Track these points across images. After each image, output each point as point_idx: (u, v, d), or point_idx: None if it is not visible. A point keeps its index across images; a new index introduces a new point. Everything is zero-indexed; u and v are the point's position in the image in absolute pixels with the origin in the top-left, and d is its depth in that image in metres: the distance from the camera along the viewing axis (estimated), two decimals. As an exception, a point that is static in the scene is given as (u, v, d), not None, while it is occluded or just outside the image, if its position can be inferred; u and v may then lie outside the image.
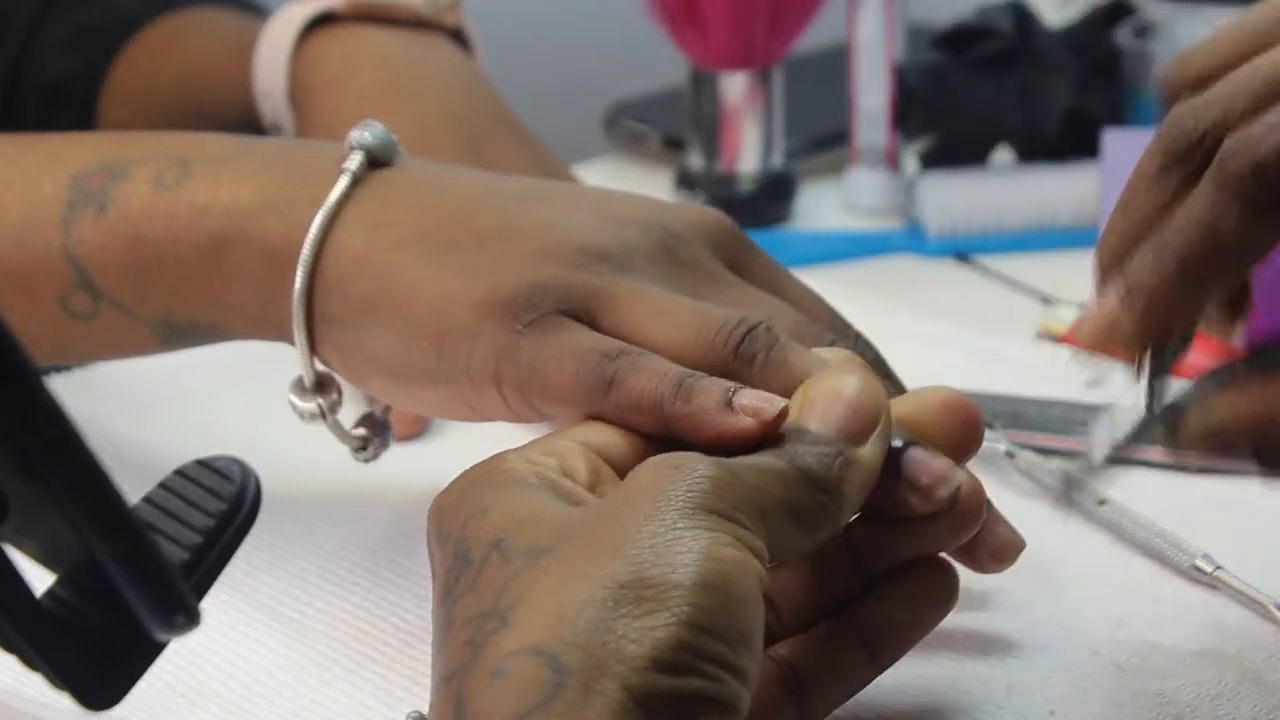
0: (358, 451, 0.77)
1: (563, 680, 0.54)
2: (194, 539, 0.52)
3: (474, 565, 0.59)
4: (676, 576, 0.56)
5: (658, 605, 0.55)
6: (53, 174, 0.76)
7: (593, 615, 0.55)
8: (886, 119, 1.16)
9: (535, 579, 0.57)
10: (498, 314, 0.69)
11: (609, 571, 0.56)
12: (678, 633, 0.55)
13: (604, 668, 0.54)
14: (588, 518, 0.59)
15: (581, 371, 0.66)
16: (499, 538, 0.59)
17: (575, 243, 0.70)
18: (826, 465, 0.61)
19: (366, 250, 0.71)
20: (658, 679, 0.54)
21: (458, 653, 0.56)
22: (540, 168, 0.92)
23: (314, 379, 0.74)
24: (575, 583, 0.56)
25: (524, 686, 0.54)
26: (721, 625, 0.56)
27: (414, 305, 0.70)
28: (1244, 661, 0.71)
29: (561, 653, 0.54)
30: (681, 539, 0.57)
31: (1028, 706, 0.69)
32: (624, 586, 0.56)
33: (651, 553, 0.56)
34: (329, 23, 0.97)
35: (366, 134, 0.73)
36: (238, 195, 0.73)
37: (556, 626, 0.55)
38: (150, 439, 0.89)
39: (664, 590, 0.55)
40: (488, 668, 0.55)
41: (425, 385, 0.70)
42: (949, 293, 1.07)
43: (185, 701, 0.71)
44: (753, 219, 1.16)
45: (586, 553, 0.57)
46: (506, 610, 0.56)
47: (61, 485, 0.47)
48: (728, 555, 0.57)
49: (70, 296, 0.75)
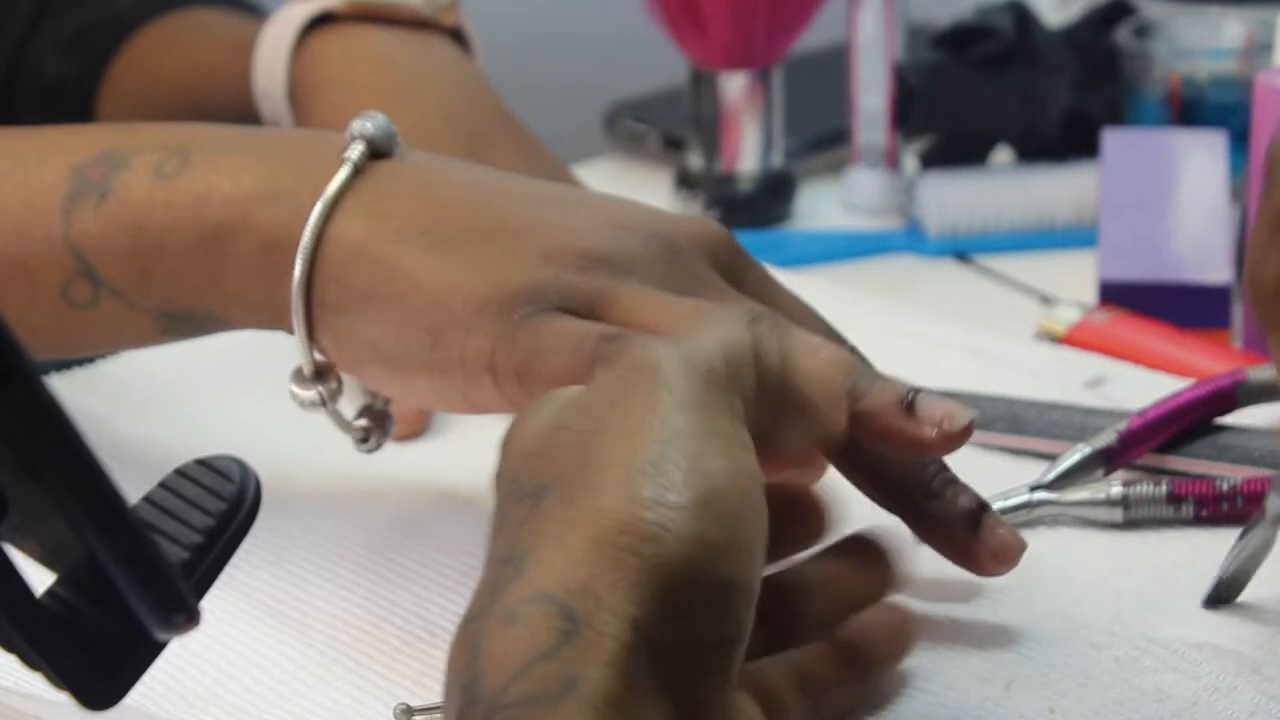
0: (359, 443, 0.77)
1: (573, 628, 0.55)
2: (194, 538, 0.52)
3: (504, 499, 0.60)
4: (673, 497, 0.56)
5: (658, 541, 0.56)
6: (53, 164, 0.76)
7: (597, 559, 0.56)
8: (886, 119, 1.16)
9: (541, 526, 0.57)
10: (495, 308, 0.69)
11: (605, 509, 0.57)
12: (687, 562, 0.56)
13: (613, 609, 0.55)
14: (578, 444, 0.59)
15: (579, 352, 0.67)
16: (517, 473, 0.60)
17: (577, 246, 0.71)
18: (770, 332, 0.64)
19: (366, 240, 0.72)
20: (672, 618, 0.56)
21: (480, 596, 0.57)
22: (540, 168, 0.92)
23: (313, 367, 0.74)
24: (577, 528, 0.57)
25: (535, 633, 0.55)
26: (723, 545, 0.57)
27: (411, 297, 0.71)
28: (1242, 655, 0.71)
29: (569, 599, 0.55)
30: (668, 455, 0.57)
31: (1027, 704, 0.69)
32: (623, 527, 0.56)
33: (641, 480, 0.57)
34: (328, 23, 0.97)
35: (368, 124, 0.74)
36: (238, 184, 0.74)
37: (563, 572, 0.56)
38: (150, 439, 0.89)
39: (666, 519, 0.56)
40: (502, 614, 0.56)
41: (420, 375, 0.71)
42: (948, 293, 1.07)
43: (185, 701, 0.71)
44: (752, 219, 1.16)
45: (582, 490, 0.57)
46: (520, 558, 0.57)
47: (61, 485, 0.47)
48: (717, 466, 0.58)
49: (71, 286, 0.76)
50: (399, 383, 0.72)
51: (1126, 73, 1.15)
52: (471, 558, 0.78)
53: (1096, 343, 0.96)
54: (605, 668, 0.54)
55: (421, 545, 0.79)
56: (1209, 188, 1.04)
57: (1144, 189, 1.05)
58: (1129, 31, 1.16)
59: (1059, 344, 0.97)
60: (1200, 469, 0.82)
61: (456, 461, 0.85)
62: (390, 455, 0.83)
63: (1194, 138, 1.08)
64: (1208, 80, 1.13)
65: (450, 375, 0.70)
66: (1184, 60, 1.13)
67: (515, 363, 0.69)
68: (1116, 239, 1.02)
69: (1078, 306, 0.99)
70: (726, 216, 1.15)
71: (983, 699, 0.69)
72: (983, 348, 0.95)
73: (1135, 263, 1.01)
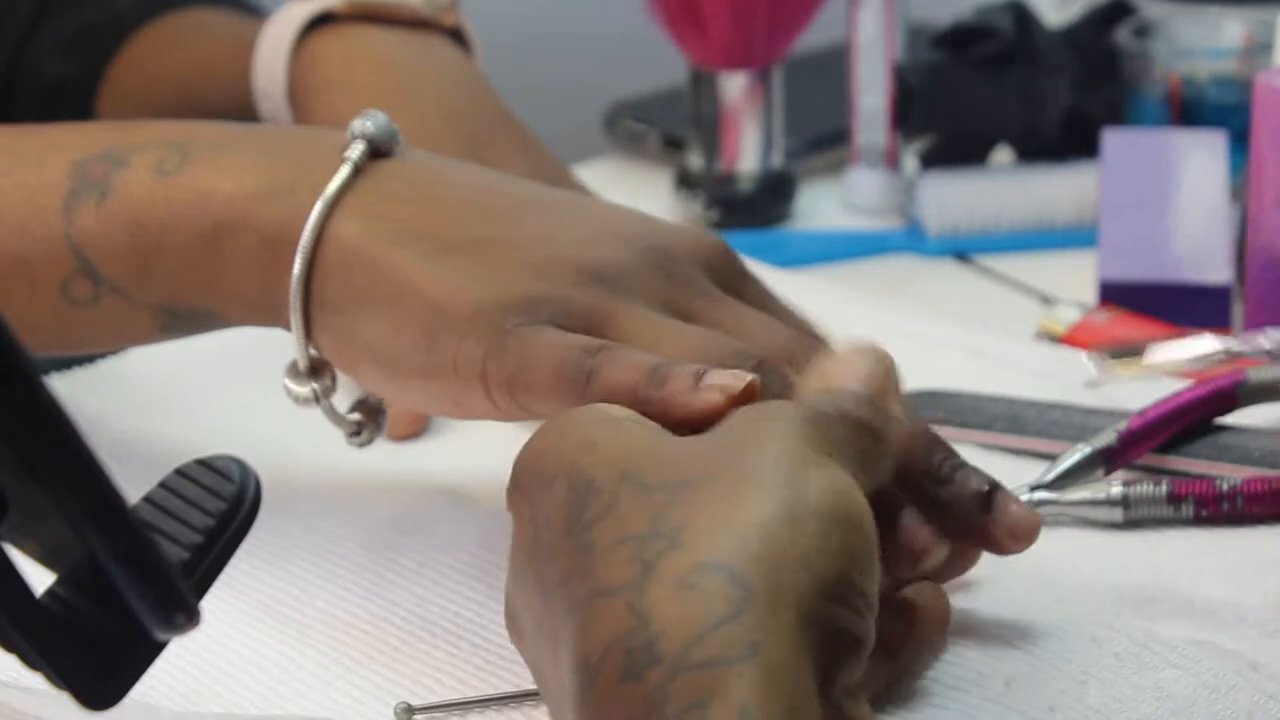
0: (351, 437, 0.77)
1: (749, 596, 0.57)
2: (194, 538, 0.52)
3: (603, 495, 0.61)
4: (831, 511, 0.59)
5: (819, 537, 0.58)
6: (54, 162, 0.76)
7: (766, 540, 0.58)
8: (886, 119, 1.16)
9: (696, 504, 0.59)
10: (490, 316, 0.70)
11: (769, 500, 0.59)
12: (840, 564, 0.58)
13: (782, 590, 0.57)
14: (712, 456, 0.62)
15: (563, 364, 0.68)
16: (626, 471, 0.61)
17: (573, 259, 0.71)
18: (874, 416, 0.64)
19: (365, 241, 0.72)
20: (827, 606, 0.58)
21: (619, 569, 0.59)
22: (540, 168, 0.92)
23: (308, 363, 0.74)
24: (740, 510, 0.59)
25: (713, 599, 0.57)
26: (865, 560, 0.59)
27: (409, 300, 0.71)
28: (1241, 654, 0.71)
29: (744, 571, 0.57)
30: (820, 476, 0.60)
31: (1026, 701, 0.69)
32: (787, 518, 0.58)
33: (801, 486, 0.60)
34: (328, 23, 0.97)
35: (369, 123, 0.74)
36: (238, 181, 0.74)
37: (734, 546, 0.58)
38: (150, 439, 0.89)
39: (822, 523, 0.59)
40: (671, 580, 0.57)
41: (415, 378, 0.71)
42: (948, 293, 1.07)
43: (185, 701, 0.71)
44: (752, 219, 1.16)
45: (737, 485, 0.60)
46: (674, 533, 0.59)
47: (61, 484, 0.47)
48: (857, 494, 0.61)
49: (71, 283, 0.76)
50: (394, 385, 0.72)
51: (1126, 73, 1.15)
52: (471, 557, 0.78)
53: (1097, 342, 0.96)
54: (783, 638, 0.56)
55: (421, 545, 0.79)
56: (1209, 188, 1.04)
57: (1144, 189, 1.05)
58: (1129, 31, 1.16)
59: (1059, 344, 0.97)
60: (1200, 469, 0.83)
61: (456, 461, 0.85)
62: (390, 455, 0.83)
63: (1194, 138, 1.08)
64: (1208, 80, 1.13)
65: (443, 381, 0.70)
66: (1184, 60, 1.13)
67: (505, 373, 0.69)
68: (1116, 239, 1.02)
69: (1078, 306, 0.99)
70: (726, 216, 1.15)
71: (983, 698, 0.69)
72: (983, 348, 0.95)
73: (1135, 263, 1.01)
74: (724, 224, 1.15)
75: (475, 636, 0.73)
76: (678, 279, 0.72)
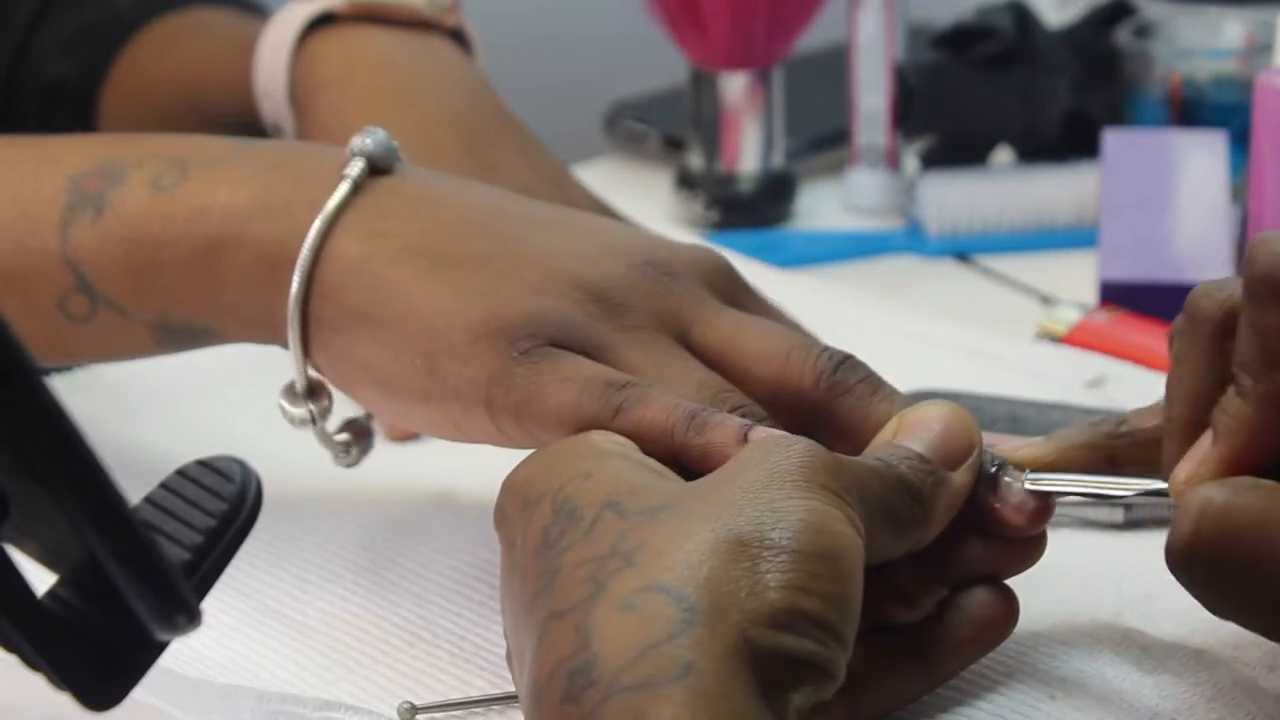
0: (339, 457, 0.77)
1: (690, 618, 0.57)
2: (195, 539, 0.52)
3: (584, 521, 0.61)
4: (794, 542, 0.59)
5: (775, 565, 0.58)
6: (50, 177, 0.76)
7: (717, 564, 0.58)
8: (886, 119, 1.16)
9: (656, 529, 0.60)
10: (493, 338, 0.69)
11: (730, 528, 0.59)
12: (793, 595, 0.58)
13: (725, 613, 0.57)
14: (701, 484, 0.62)
15: (585, 397, 0.67)
16: (612, 500, 0.61)
17: (575, 276, 0.71)
18: (921, 477, 0.65)
19: (364, 259, 0.71)
20: (772, 634, 0.57)
21: (574, 589, 0.59)
22: (540, 169, 0.92)
23: (305, 384, 0.74)
24: (698, 533, 0.59)
25: (653, 620, 0.57)
26: (831, 594, 0.59)
27: (408, 321, 0.70)
28: (1240, 658, 0.71)
29: (688, 593, 0.57)
30: (798, 507, 0.60)
31: (1025, 698, 0.69)
32: (744, 543, 0.59)
33: (771, 515, 0.60)
34: (329, 23, 0.97)
35: (368, 140, 0.73)
36: (235, 198, 0.73)
37: (682, 568, 0.58)
38: (151, 439, 0.89)
39: (782, 552, 0.59)
40: (615, 602, 0.58)
41: (414, 401, 0.71)
42: (948, 293, 1.07)
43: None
44: (753, 219, 1.16)
45: (705, 510, 0.60)
46: (630, 553, 0.59)
47: (63, 485, 0.47)
48: (841, 530, 0.60)
49: (67, 299, 0.75)
50: (393, 406, 0.72)
51: (1127, 73, 1.15)
52: (472, 558, 0.78)
53: (1097, 343, 0.96)
54: (718, 660, 0.56)
55: (422, 546, 0.79)
56: (1209, 188, 1.04)
57: (1144, 189, 1.05)
58: (1129, 32, 1.16)
59: (1059, 344, 0.97)
60: (1200, 469, 0.82)
61: (457, 462, 0.85)
62: (391, 457, 0.83)
63: (1194, 138, 1.08)
64: (1208, 80, 1.13)
65: (445, 405, 0.70)
66: (1184, 60, 1.14)
67: (513, 400, 0.68)
68: (1116, 239, 1.02)
69: (1078, 307, 0.99)
70: (726, 217, 1.15)
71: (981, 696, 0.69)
72: (983, 348, 0.95)
73: (1135, 263, 1.01)
74: (724, 224, 1.15)
75: (478, 636, 0.74)
76: (676, 292, 0.72)
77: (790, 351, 0.70)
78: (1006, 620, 0.68)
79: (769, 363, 0.70)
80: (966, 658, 0.68)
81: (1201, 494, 0.62)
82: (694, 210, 1.16)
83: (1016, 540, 0.68)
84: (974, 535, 0.68)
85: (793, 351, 0.70)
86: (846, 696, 0.64)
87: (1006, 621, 0.68)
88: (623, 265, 0.72)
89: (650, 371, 0.69)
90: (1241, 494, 0.62)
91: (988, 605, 0.68)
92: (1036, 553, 0.69)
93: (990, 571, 0.68)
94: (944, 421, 0.67)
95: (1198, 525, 0.62)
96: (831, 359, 0.70)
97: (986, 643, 0.68)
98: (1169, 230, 1.02)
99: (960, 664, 0.68)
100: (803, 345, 0.71)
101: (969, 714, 0.68)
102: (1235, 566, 0.62)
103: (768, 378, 0.70)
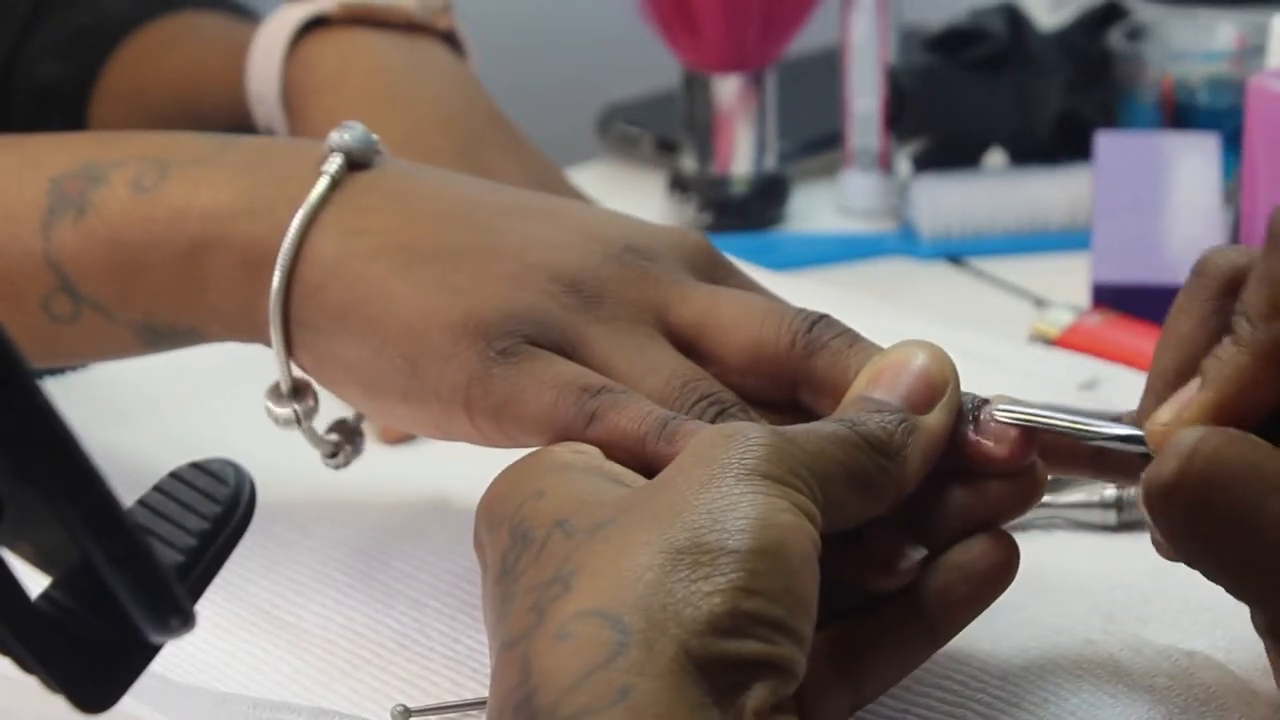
0: (329, 458, 0.77)
1: (626, 640, 0.56)
2: (189, 541, 0.52)
3: (535, 543, 0.60)
4: (732, 542, 0.58)
5: (714, 570, 0.57)
6: (32, 178, 0.76)
7: (652, 579, 0.57)
8: (879, 121, 1.16)
9: (595, 548, 0.59)
10: (471, 338, 0.69)
11: (666, 537, 0.58)
12: (734, 598, 0.57)
13: (663, 629, 0.56)
14: (644, 491, 0.61)
15: (560, 403, 0.67)
16: (561, 518, 0.61)
17: (552, 268, 0.71)
18: (889, 430, 0.63)
19: (342, 258, 0.71)
20: (714, 641, 0.56)
21: (521, 619, 0.58)
22: (533, 171, 0.92)
23: (290, 384, 0.74)
24: (634, 549, 0.58)
25: (588, 646, 0.56)
26: (776, 590, 0.58)
27: (388, 321, 0.70)
28: (1234, 660, 0.71)
29: (623, 615, 0.56)
30: (737, 505, 0.59)
31: (1019, 701, 0.69)
32: (681, 552, 0.58)
33: (708, 518, 0.58)
34: (322, 26, 0.97)
35: (346, 135, 0.73)
36: (216, 198, 0.73)
37: (617, 590, 0.57)
38: (144, 443, 0.89)
39: (720, 555, 0.57)
40: (553, 630, 0.57)
41: (396, 400, 0.71)
42: (941, 295, 1.08)
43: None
44: (746, 222, 1.16)
45: (644, 521, 0.59)
46: (569, 577, 0.58)
47: (56, 488, 0.47)
48: (783, 520, 0.59)
49: (51, 300, 0.75)
50: (376, 405, 0.72)
51: (1119, 75, 1.15)
52: (468, 560, 0.78)
53: (1090, 345, 0.96)
54: (657, 680, 0.55)
55: (416, 549, 0.79)
56: (1202, 190, 1.04)
57: (1137, 192, 1.05)
58: (1122, 34, 1.16)
59: (1052, 346, 0.97)
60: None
61: (450, 466, 0.85)
62: (385, 459, 0.83)
63: (1187, 140, 1.08)
64: (1200, 83, 1.13)
65: (425, 404, 0.70)
66: (1177, 63, 1.14)
67: (492, 403, 0.68)
68: (1109, 241, 1.02)
69: (1071, 309, 0.99)
70: (720, 219, 1.16)
71: (975, 698, 0.69)
72: (976, 350, 0.95)
73: (1128, 265, 1.01)
74: (717, 227, 1.15)
75: (471, 640, 0.74)
76: (654, 275, 0.72)
77: (765, 316, 0.70)
78: (1006, 571, 0.66)
79: (744, 330, 0.70)
80: (967, 615, 0.66)
81: (1195, 433, 0.60)
82: (687, 213, 1.16)
83: (1009, 479, 0.66)
84: (962, 482, 0.66)
85: (767, 316, 0.70)
86: (851, 675, 0.64)
87: (1006, 572, 0.66)
88: (601, 252, 0.72)
89: (623, 365, 0.69)
90: (1236, 443, 0.60)
91: (985, 556, 0.65)
92: (1032, 490, 0.66)
93: (985, 518, 0.66)
94: (916, 362, 0.66)
95: (1187, 464, 0.60)
96: (806, 319, 0.70)
97: (986, 598, 0.66)
98: (1162, 233, 1.02)
99: (961, 623, 0.66)
100: (777, 309, 0.70)
101: (962, 715, 0.68)
102: (1215, 515, 0.60)
103: (745, 344, 0.70)
